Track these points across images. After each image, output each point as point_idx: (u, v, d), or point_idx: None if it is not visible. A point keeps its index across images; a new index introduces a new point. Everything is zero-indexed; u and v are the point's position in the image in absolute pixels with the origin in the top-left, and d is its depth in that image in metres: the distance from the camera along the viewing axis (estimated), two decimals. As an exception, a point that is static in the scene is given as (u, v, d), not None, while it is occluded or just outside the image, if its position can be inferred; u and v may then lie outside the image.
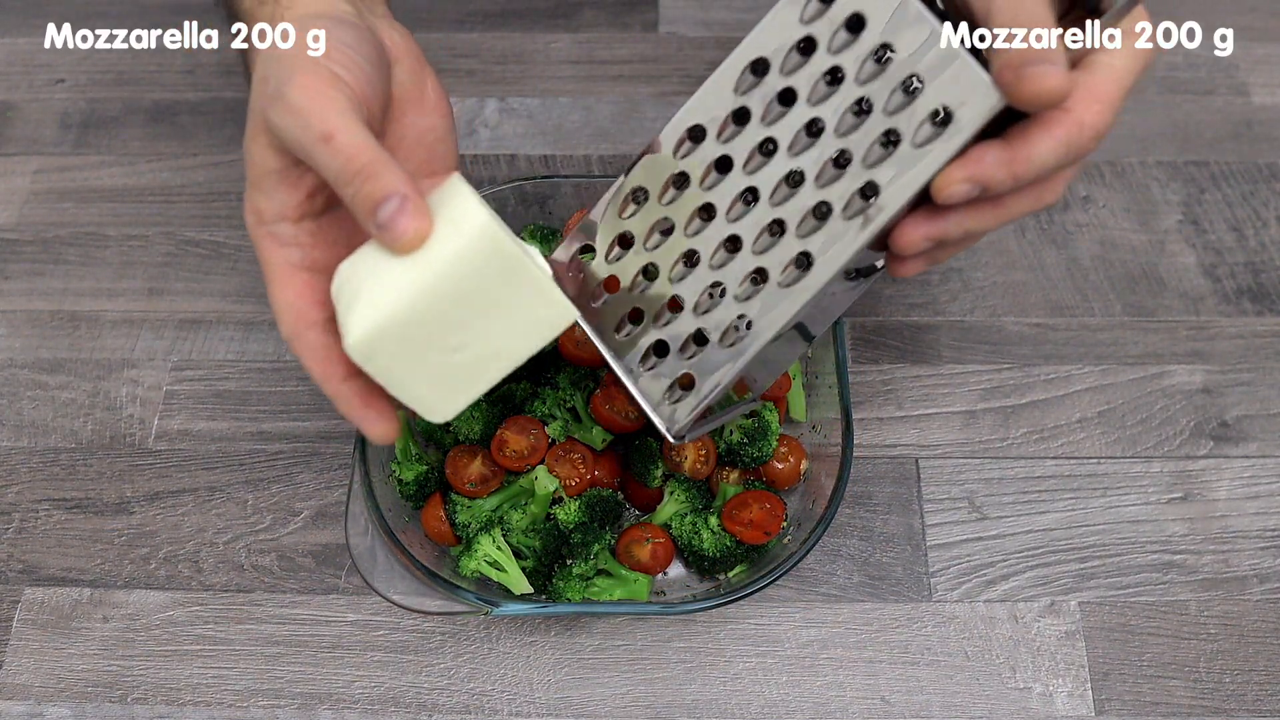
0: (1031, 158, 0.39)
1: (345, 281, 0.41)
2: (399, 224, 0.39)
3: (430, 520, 0.58)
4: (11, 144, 0.79)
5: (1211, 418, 0.65)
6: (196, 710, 0.57)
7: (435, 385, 0.42)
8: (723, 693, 0.57)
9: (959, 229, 0.41)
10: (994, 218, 0.42)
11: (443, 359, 0.41)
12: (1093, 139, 0.39)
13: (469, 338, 0.41)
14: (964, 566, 0.60)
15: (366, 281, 0.40)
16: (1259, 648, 0.58)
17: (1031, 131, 0.39)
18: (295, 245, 0.44)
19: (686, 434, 0.49)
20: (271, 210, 0.44)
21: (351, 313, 0.40)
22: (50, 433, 0.66)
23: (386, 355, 0.40)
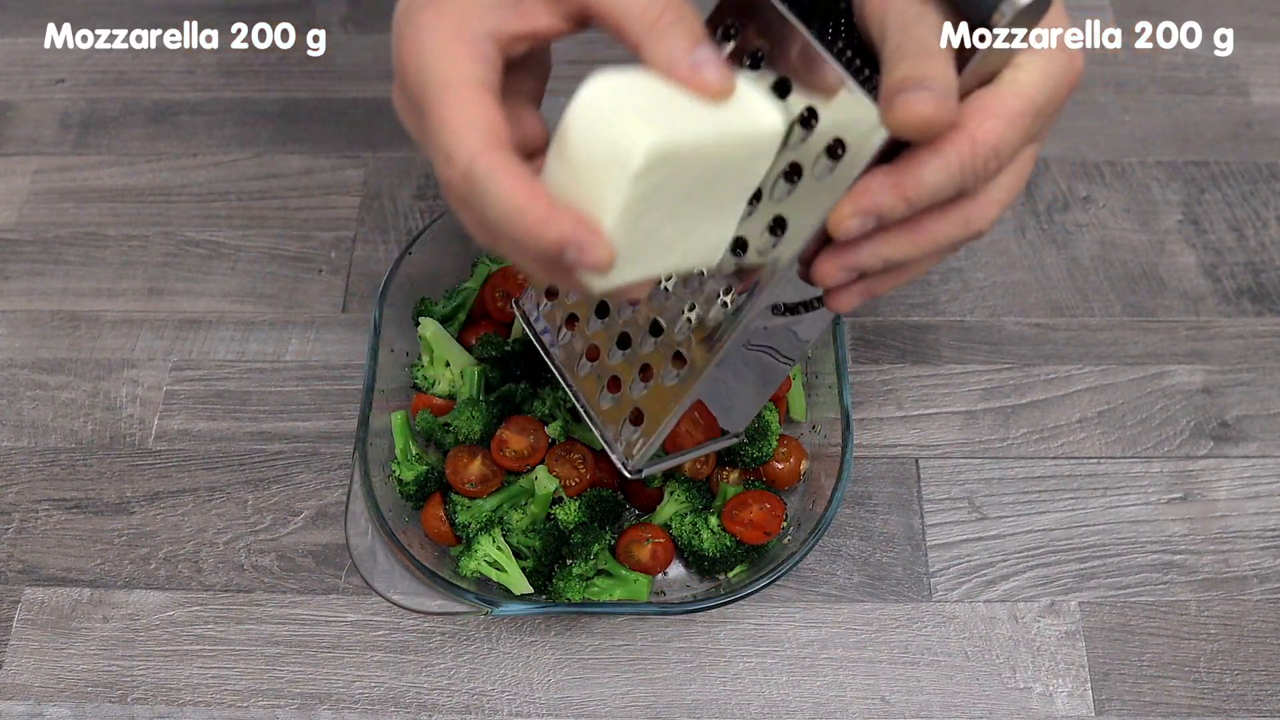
0: (921, 180, 0.37)
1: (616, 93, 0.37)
2: (709, 72, 0.37)
3: (430, 520, 0.58)
4: (11, 144, 0.79)
5: (1211, 418, 0.65)
6: (196, 710, 0.57)
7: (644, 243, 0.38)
8: (723, 693, 0.57)
9: (874, 258, 0.40)
10: (914, 245, 0.40)
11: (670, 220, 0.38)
12: (989, 157, 0.37)
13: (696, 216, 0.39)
14: (964, 566, 0.60)
15: (657, 102, 0.37)
16: (1259, 648, 0.58)
17: (920, 153, 0.37)
18: (492, 70, 0.38)
19: (644, 470, 0.50)
20: (482, 22, 0.38)
21: (646, 117, 0.36)
22: (50, 433, 0.66)
23: (661, 177, 0.36)
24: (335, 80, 0.81)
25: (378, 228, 0.73)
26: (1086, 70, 0.80)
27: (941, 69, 0.36)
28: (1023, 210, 0.74)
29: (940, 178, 0.37)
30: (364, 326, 0.69)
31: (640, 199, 0.36)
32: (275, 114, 0.80)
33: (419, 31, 0.38)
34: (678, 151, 0.36)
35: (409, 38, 0.39)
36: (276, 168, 0.77)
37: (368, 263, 0.72)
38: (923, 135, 0.36)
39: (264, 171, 0.77)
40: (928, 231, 0.40)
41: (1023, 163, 0.41)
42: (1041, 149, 0.42)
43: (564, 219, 0.35)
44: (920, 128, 0.35)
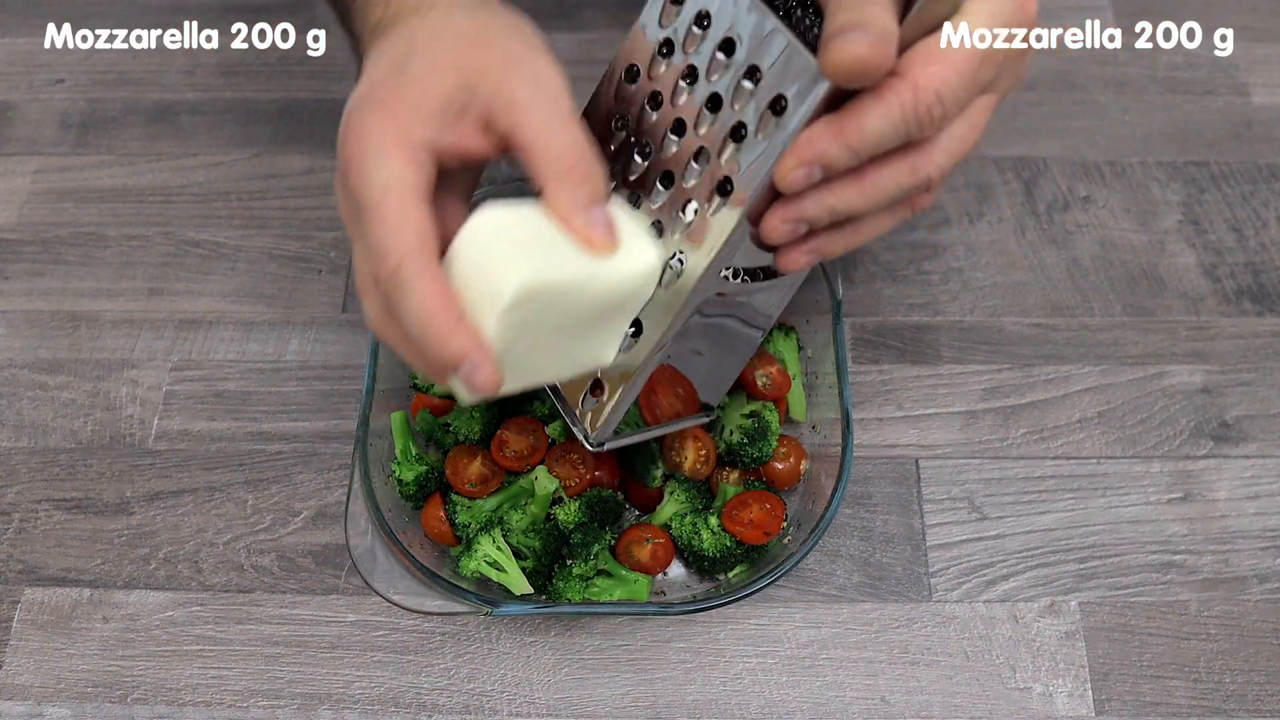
0: (864, 127, 0.37)
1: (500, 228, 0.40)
2: (601, 235, 0.40)
3: (430, 520, 0.58)
4: (11, 144, 0.79)
5: (1211, 418, 0.65)
6: (196, 710, 0.57)
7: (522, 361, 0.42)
8: (723, 693, 0.57)
9: (819, 208, 0.40)
10: (860, 193, 0.40)
11: (546, 344, 0.42)
12: (933, 103, 0.37)
13: (574, 339, 0.43)
14: (964, 566, 0.60)
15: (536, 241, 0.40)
16: (1259, 648, 0.58)
17: (862, 100, 0.37)
18: (427, 179, 0.41)
19: (606, 443, 0.50)
20: (423, 133, 0.41)
21: (521, 254, 0.39)
22: (50, 433, 0.66)
23: (530, 311, 0.40)
24: (335, 80, 0.81)
25: (378, 228, 0.73)
26: (1086, 70, 0.80)
27: (879, 15, 0.36)
28: (1023, 210, 0.74)
29: (883, 124, 0.37)
30: (364, 326, 0.69)
31: (511, 328, 0.39)
32: (275, 114, 0.80)
33: (365, 132, 0.41)
34: (546, 289, 0.39)
35: (354, 135, 0.42)
36: (276, 168, 0.77)
37: (368, 263, 0.72)
38: (859, 79, 0.36)
39: (264, 171, 0.77)
40: (873, 179, 0.40)
41: (976, 112, 0.40)
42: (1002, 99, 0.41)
43: (466, 336, 0.39)
44: (854, 69, 0.36)
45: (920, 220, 0.73)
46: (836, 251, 0.43)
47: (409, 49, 0.43)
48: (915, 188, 0.40)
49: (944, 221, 0.73)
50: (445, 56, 0.42)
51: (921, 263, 0.72)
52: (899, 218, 0.43)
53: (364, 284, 0.43)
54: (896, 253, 0.72)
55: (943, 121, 0.38)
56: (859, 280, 0.71)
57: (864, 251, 0.72)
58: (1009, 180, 0.75)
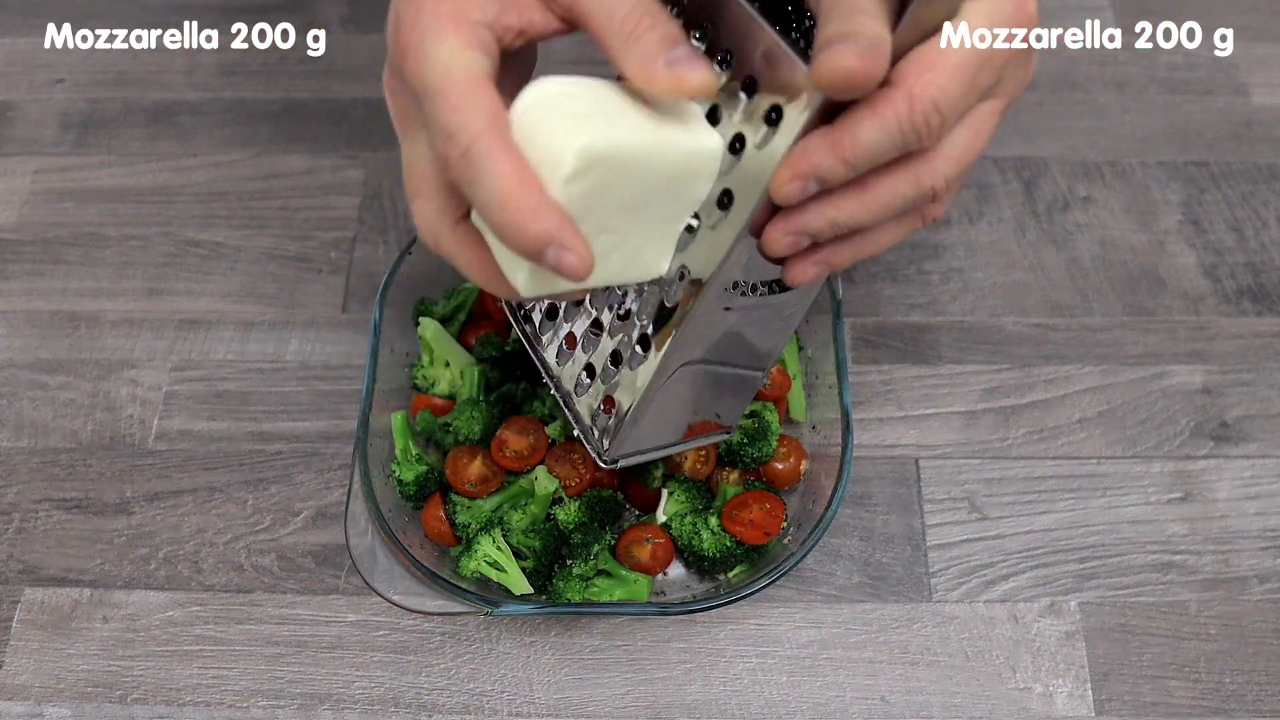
0: (859, 139, 0.36)
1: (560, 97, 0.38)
2: (692, 72, 0.37)
3: (430, 520, 0.58)
4: (11, 144, 0.79)
5: (1211, 418, 0.65)
6: (196, 710, 0.57)
7: None
8: (723, 693, 0.57)
9: (821, 220, 0.39)
10: (861, 205, 0.39)
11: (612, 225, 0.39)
12: (929, 112, 0.36)
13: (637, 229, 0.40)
14: (964, 567, 0.60)
15: (598, 108, 0.38)
16: (1259, 648, 0.58)
17: (857, 111, 0.36)
18: (489, 59, 0.39)
19: (620, 460, 0.50)
20: (481, 10, 0.39)
21: (584, 121, 0.37)
22: (50, 433, 0.66)
23: (595, 181, 0.37)
24: (335, 80, 0.81)
25: (378, 228, 0.73)
26: (1086, 70, 0.80)
27: (869, 24, 0.35)
28: (1023, 210, 0.74)
29: (878, 136, 0.36)
30: (364, 326, 0.69)
31: (573, 203, 0.36)
32: (275, 114, 0.80)
33: (419, 15, 0.39)
34: (611, 156, 0.37)
35: (409, 19, 0.39)
36: (276, 168, 0.77)
37: (368, 263, 0.72)
38: (850, 90, 0.35)
39: (264, 171, 0.77)
40: (874, 191, 0.39)
41: (981, 118, 0.40)
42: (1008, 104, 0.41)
43: (552, 214, 0.36)
44: (844, 81, 0.34)
45: (920, 220, 0.73)
46: (844, 263, 0.42)
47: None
48: (920, 198, 0.39)
49: (944, 221, 0.73)
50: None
51: (921, 263, 0.72)
52: (909, 227, 0.42)
53: (418, 183, 0.41)
54: (896, 253, 0.72)
55: (941, 130, 0.37)
56: (859, 280, 0.71)
57: (864, 251, 0.72)
58: (1009, 180, 0.75)
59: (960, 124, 0.39)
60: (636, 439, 0.49)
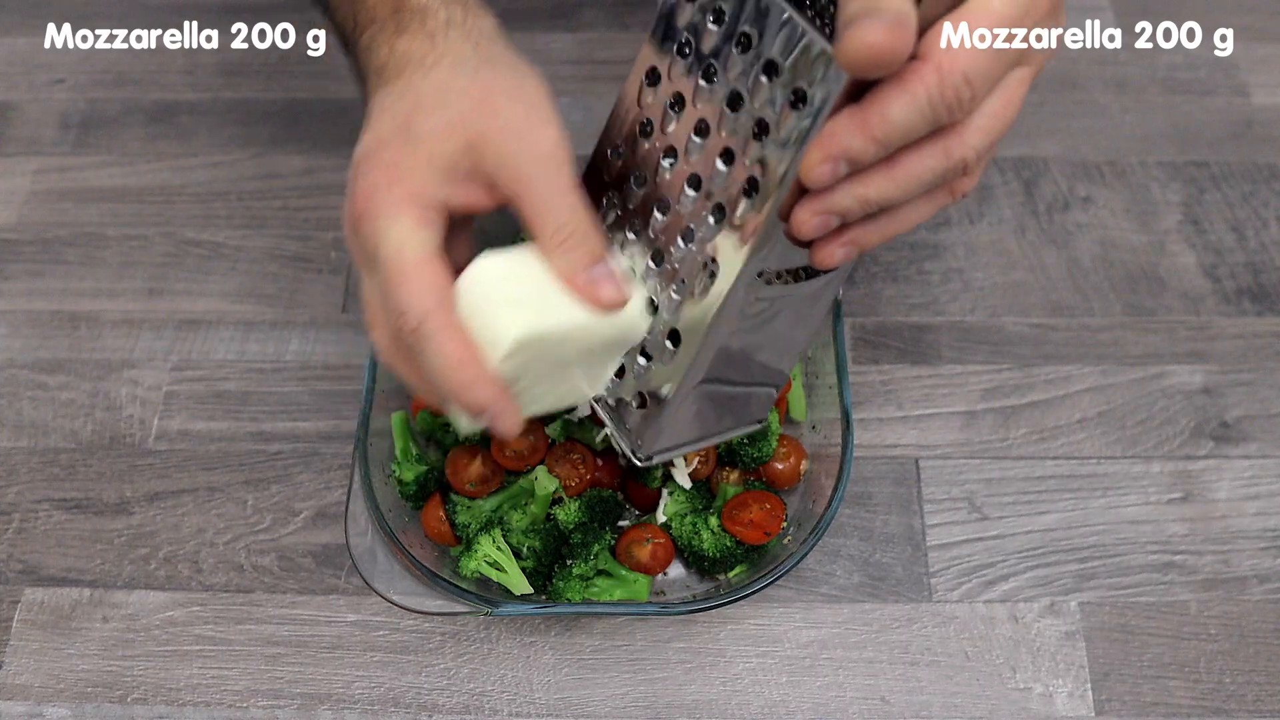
0: (888, 117, 0.36)
1: (498, 279, 0.43)
2: (605, 290, 0.42)
3: (430, 520, 0.58)
4: (11, 144, 0.79)
5: (1211, 418, 0.65)
6: (196, 710, 0.57)
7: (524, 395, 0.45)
8: (723, 693, 0.57)
9: (851, 199, 0.38)
10: (892, 181, 0.38)
11: (544, 379, 0.45)
12: (960, 85, 0.35)
13: (570, 375, 0.46)
14: (964, 567, 0.60)
15: (532, 291, 0.43)
16: (1259, 648, 0.58)
17: (884, 88, 0.36)
18: (439, 234, 0.43)
19: (656, 457, 0.49)
20: (433, 193, 0.43)
21: (520, 306, 0.42)
22: (50, 433, 0.66)
23: (528, 356, 0.42)
24: (335, 80, 0.81)
25: (378, 228, 0.73)
26: (1086, 70, 0.80)
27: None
28: (1023, 210, 0.74)
29: (908, 113, 0.36)
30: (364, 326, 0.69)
31: (510, 371, 0.42)
32: (275, 114, 0.80)
33: (374, 192, 0.43)
34: (542, 339, 0.42)
35: (366, 190, 0.44)
36: (276, 168, 0.77)
37: (368, 263, 0.72)
38: (877, 68, 0.34)
39: (264, 171, 0.77)
40: (905, 166, 0.38)
41: (1010, 88, 0.39)
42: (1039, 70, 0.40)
43: (489, 388, 0.41)
44: (871, 58, 0.34)
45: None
46: (873, 242, 0.41)
47: (415, 107, 0.44)
48: (950, 171, 0.39)
49: (944, 221, 0.73)
50: (450, 120, 0.44)
51: (921, 263, 0.72)
52: (938, 203, 0.41)
53: (373, 317, 0.45)
54: (896, 253, 0.72)
55: (973, 103, 0.36)
56: (859, 280, 0.71)
57: (864, 251, 0.72)
58: (1009, 180, 0.75)
59: (992, 94, 0.38)
60: (672, 434, 0.49)
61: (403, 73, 0.46)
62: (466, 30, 0.47)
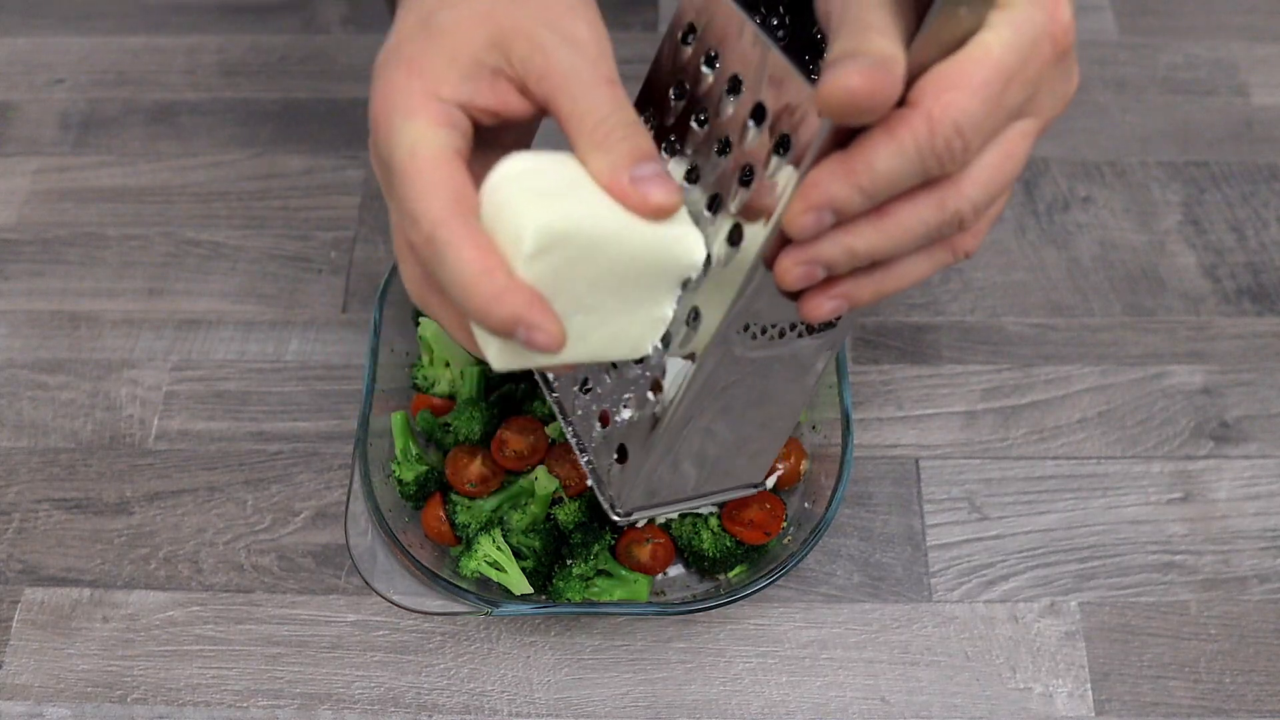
0: (874, 166, 0.34)
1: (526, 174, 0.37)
2: (654, 190, 0.37)
3: (430, 520, 0.58)
4: (11, 144, 0.79)
5: (1211, 418, 0.65)
6: (196, 710, 0.57)
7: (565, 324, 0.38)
8: (723, 693, 0.57)
9: (838, 250, 0.36)
10: (881, 233, 0.36)
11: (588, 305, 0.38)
12: (950, 135, 0.33)
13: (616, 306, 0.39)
14: (964, 567, 0.60)
15: (568, 186, 0.37)
16: (1259, 648, 0.58)
17: (872, 136, 0.34)
18: (461, 136, 0.39)
19: (635, 514, 0.47)
20: (455, 90, 0.39)
21: (549, 200, 0.36)
22: (50, 433, 0.66)
23: (558, 261, 0.36)
24: (335, 80, 0.81)
25: (378, 228, 0.73)
26: (1086, 70, 0.80)
27: (878, 41, 0.32)
28: (1023, 210, 0.74)
29: (895, 162, 0.34)
30: (364, 326, 0.69)
31: (540, 280, 0.36)
32: (275, 114, 0.80)
33: (391, 90, 0.39)
34: (574, 235, 0.36)
35: (381, 95, 0.39)
36: (276, 168, 0.77)
37: (368, 263, 0.72)
38: (856, 114, 0.32)
39: (264, 171, 0.77)
40: (896, 218, 0.35)
41: (1012, 140, 0.36)
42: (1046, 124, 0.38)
43: (519, 295, 0.36)
44: (849, 104, 0.32)
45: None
46: (867, 298, 0.38)
47: (439, 1, 0.40)
48: (945, 225, 0.36)
49: (944, 221, 0.73)
50: (476, 11, 0.39)
51: (921, 263, 0.71)
52: (938, 261, 0.38)
53: (401, 249, 0.41)
54: (896, 253, 0.72)
55: (965, 155, 0.34)
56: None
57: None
58: (1009, 180, 0.75)
59: (990, 145, 0.36)
60: (653, 491, 0.46)
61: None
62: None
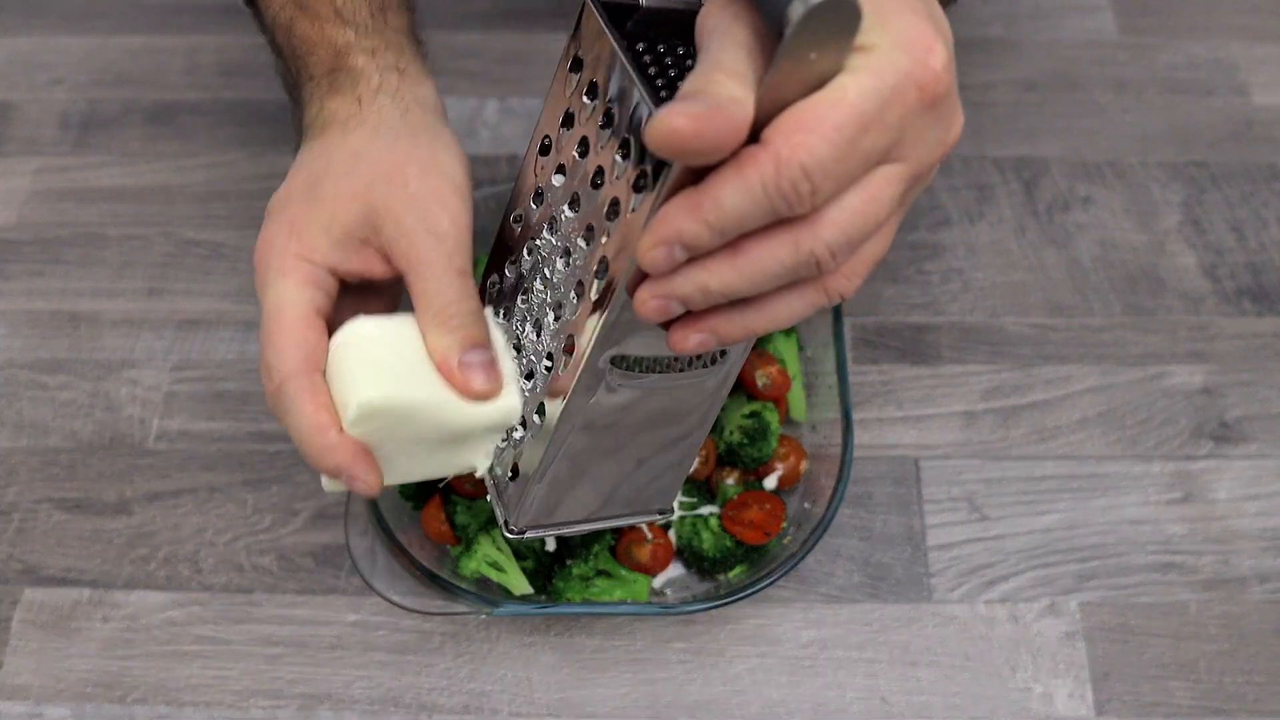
0: (720, 202, 0.33)
1: (365, 342, 0.43)
2: (478, 378, 0.43)
3: (430, 520, 0.58)
4: (11, 144, 0.79)
5: (1211, 418, 0.65)
6: (196, 710, 0.57)
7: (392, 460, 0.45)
8: (723, 693, 0.57)
9: (691, 286, 0.36)
10: (735, 270, 0.35)
11: (412, 450, 0.45)
12: (798, 177, 0.33)
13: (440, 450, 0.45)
14: (964, 567, 0.60)
15: (398, 358, 0.43)
16: (1259, 648, 0.58)
17: (722, 173, 0.34)
18: (324, 295, 0.45)
19: (527, 532, 0.48)
20: (325, 255, 0.45)
21: (379, 372, 0.42)
22: (50, 433, 0.66)
23: (380, 425, 0.43)
24: (335, 80, 0.81)
25: (378, 228, 0.73)
26: (1086, 70, 0.80)
27: (721, 83, 0.33)
28: (1023, 210, 0.74)
29: (741, 200, 0.33)
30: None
31: (365, 437, 0.42)
32: (275, 114, 0.79)
33: (272, 246, 0.45)
34: (392, 409, 0.42)
35: (263, 244, 0.45)
36: (276, 168, 0.77)
37: (368, 263, 0.72)
38: (681, 154, 0.33)
39: (264, 171, 0.77)
40: (750, 257, 0.35)
41: (875, 185, 0.35)
42: (920, 172, 0.37)
43: (344, 452, 0.42)
44: (674, 144, 0.32)
45: (920, 220, 0.73)
46: (736, 335, 0.38)
47: (325, 169, 0.46)
48: (801, 266, 0.35)
49: (944, 221, 0.73)
50: (355, 187, 0.45)
51: (921, 263, 0.72)
52: (810, 302, 0.38)
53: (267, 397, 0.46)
54: (896, 253, 0.72)
55: (813, 197, 0.33)
56: (859, 280, 0.71)
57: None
58: (1009, 180, 0.75)
59: (852, 189, 0.35)
60: (544, 511, 0.48)
61: (325, 131, 0.48)
62: (397, 98, 0.48)
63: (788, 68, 0.32)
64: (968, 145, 0.77)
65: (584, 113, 0.41)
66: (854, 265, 0.38)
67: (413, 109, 0.48)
